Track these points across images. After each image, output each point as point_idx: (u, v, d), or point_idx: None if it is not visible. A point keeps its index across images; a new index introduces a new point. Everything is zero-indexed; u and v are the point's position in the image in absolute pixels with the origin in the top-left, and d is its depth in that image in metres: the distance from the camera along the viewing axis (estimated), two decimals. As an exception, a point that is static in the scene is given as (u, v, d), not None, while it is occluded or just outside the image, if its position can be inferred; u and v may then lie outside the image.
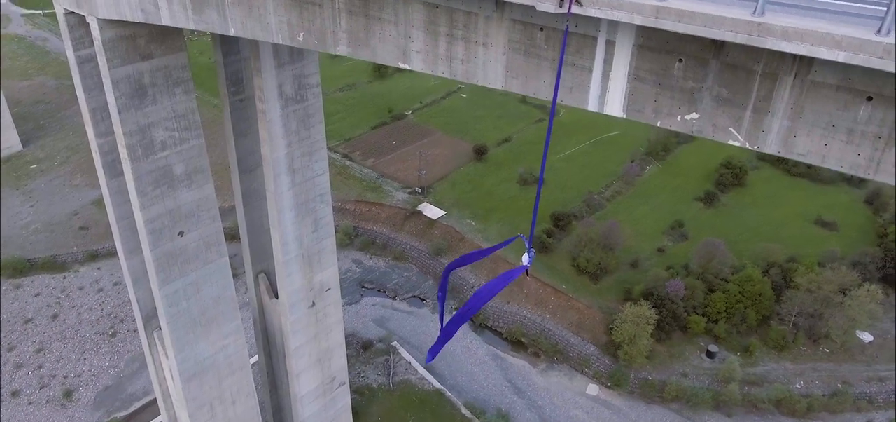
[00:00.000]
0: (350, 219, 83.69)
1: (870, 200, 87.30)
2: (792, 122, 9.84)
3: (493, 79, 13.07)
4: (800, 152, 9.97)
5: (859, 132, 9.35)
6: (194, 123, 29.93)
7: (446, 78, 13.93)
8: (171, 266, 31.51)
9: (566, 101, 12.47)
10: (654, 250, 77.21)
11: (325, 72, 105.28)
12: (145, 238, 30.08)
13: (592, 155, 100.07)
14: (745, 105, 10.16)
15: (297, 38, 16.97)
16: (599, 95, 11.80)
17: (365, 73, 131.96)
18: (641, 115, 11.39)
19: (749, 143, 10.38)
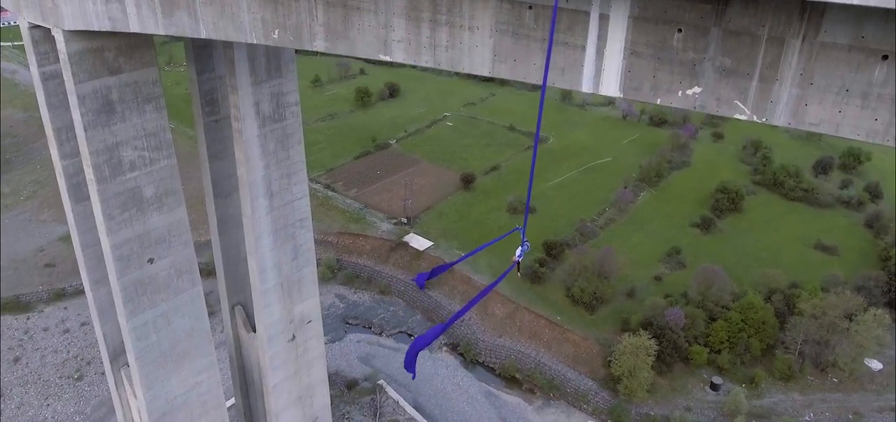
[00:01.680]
0: (333, 251, 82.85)
1: (869, 223, 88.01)
2: (802, 89, 9.56)
3: (479, 64, 12.77)
4: (812, 122, 9.67)
5: (875, 95, 9.06)
6: (165, 142, 29.41)
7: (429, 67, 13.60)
8: (139, 296, 30.63)
9: (558, 84, 12.16)
10: (650, 278, 76.95)
11: (305, 102, 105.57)
12: (112, 265, 29.27)
13: (583, 182, 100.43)
14: (751, 74, 9.87)
15: (271, 35, 16.66)
16: (594, 75, 11.51)
17: (347, 103, 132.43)
18: (639, 93, 11.10)
19: (756, 115, 10.08)
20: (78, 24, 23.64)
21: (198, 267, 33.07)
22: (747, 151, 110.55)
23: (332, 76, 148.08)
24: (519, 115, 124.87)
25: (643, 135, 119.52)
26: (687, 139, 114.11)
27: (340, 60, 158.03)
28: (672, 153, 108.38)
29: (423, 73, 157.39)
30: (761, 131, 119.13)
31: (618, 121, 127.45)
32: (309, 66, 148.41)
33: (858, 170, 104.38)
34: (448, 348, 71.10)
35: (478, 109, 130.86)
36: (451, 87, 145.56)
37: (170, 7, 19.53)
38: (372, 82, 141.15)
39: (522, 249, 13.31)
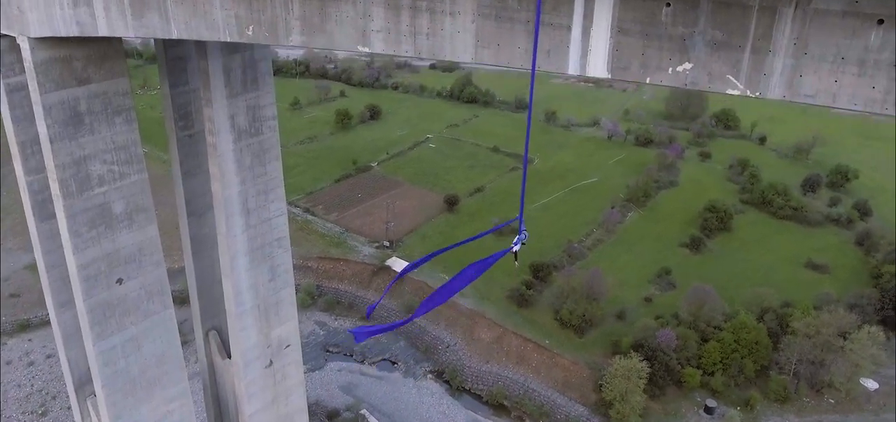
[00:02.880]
0: (312, 277, 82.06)
1: (860, 241, 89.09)
2: (796, 59, 9.53)
3: (462, 51, 12.67)
4: (807, 93, 9.63)
5: (872, 62, 9.04)
6: (136, 156, 28.99)
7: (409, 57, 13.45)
8: (107, 319, 29.92)
9: (544, 67, 12.06)
10: (640, 300, 77.03)
11: (284, 125, 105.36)
12: (78, 286, 28.59)
13: (570, 203, 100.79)
14: (743, 46, 9.84)
15: (246, 32, 16.48)
16: (580, 56, 11.44)
17: (327, 125, 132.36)
18: (628, 72, 11.03)
19: (750, 89, 10.03)
20: (44, 31, 23.32)
21: (169, 289, 32.44)
22: (734, 169, 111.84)
23: (312, 99, 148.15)
24: (503, 136, 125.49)
25: (629, 155, 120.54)
26: (673, 159, 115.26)
27: (320, 83, 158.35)
28: (659, 173, 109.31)
29: (404, 96, 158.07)
30: (748, 150, 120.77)
31: (603, 141, 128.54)
32: (288, 88, 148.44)
33: (846, 187, 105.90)
34: (433, 375, 70.36)
35: (461, 130, 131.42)
36: (434, 109, 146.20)
37: (140, 8, 19.30)
38: (352, 105, 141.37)
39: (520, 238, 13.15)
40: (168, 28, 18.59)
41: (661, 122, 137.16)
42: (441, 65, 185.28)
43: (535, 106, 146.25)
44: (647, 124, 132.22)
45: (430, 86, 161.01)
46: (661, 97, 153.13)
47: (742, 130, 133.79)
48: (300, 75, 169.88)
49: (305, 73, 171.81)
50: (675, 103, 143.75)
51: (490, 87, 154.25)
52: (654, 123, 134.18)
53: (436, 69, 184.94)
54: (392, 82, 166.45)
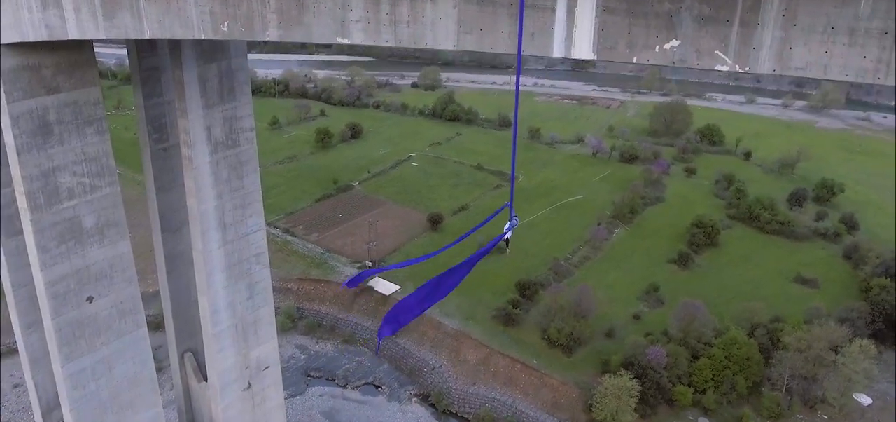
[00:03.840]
0: (293, 299, 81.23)
1: (848, 254, 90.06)
2: (785, 32, 9.55)
3: (443, 39, 12.59)
4: (798, 66, 9.64)
5: (863, 31, 9.07)
6: (108, 168, 28.59)
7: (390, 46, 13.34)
8: (77, 339, 29.28)
9: (528, 51, 12.01)
10: (629, 317, 77.09)
11: (263, 145, 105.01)
12: (46, 305, 27.97)
13: (556, 220, 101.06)
14: (731, 21, 9.85)
15: (221, 28, 16.31)
16: (565, 37, 11.40)
17: (307, 145, 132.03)
18: (614, 52, 11.01)
19: (739, 64, 10.03)
20: (12, 37, 22.99)
21: (142, 307, 31.87)
22: (720, 185, 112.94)
23: (291, 118, 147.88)
24: (487, 154, 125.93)
25: (614, 171, 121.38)
26: (659, 175, 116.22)
27: (299, 102, 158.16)
28: (645, 189, 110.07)
29: (386, 114, 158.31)
30: (733, 165, 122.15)
31: (588, 158, 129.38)
32: (267, 108, 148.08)
33: (832, 202, 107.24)
34: (418, 399, 69.66)
35: (444, 148, 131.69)
36: (416, 127, 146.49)
37: (111, 8, 19.07)
38: (333, 124, 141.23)
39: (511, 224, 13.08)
40: (140, 27, 18.37)
41: (645, 138, 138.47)
42: (423, 83, 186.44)
43: (518, 123, 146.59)
44: (631, 141, 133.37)
45: (412, 104, 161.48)
46: (645, 114, 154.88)
47: (727, 146, 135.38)
48: (279, 94, 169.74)
49: (285, 92, 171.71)
50: (659, 119, 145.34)
51: (473, 105, 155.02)
52: (638, 140, 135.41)
53: (418, 88, 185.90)
54: (373, 101, 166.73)
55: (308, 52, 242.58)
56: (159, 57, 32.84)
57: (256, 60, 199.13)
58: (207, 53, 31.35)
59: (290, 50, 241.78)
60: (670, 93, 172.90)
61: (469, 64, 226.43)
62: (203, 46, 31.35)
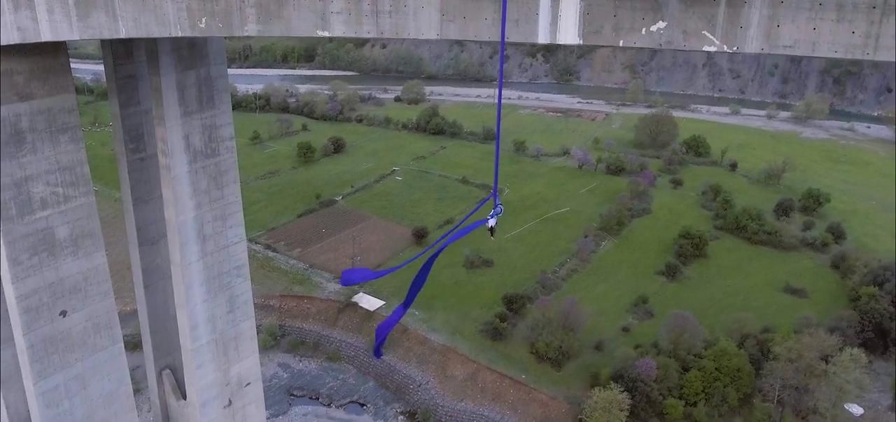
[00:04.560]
0: (275, 316, 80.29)
1: (835, 264, 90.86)
2: (773, 9, 9.43)
3: (426, 28, 12.36)
4: (786, 44, 9.51)
5: (850, 5, 8.97)
6: (82, 177, 27.97)
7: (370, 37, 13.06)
8: (50, 355, 28.49)
9: (513, 37, 11.82)
10: (618, 330, 77.02)
11: (244, 160, 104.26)
12: (18, 319, 27.20)
13: (542, 234, 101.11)
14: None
15: (198, 25, 15.96)
16: (550, 23, 11.20)
17: (289, 160, 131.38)
18: (600, 36, 10.84)
19: (727, 44, 9.89)
20: (-19, 40, 22.43)
21: (118, 322, 31.15)
22: (707, 196, 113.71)
23: (273, 133, 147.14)
24: (472, 167, 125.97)
25: (601, 184, 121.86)
26: (646, 186, 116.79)
27: (281, 117, 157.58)
28: (631, 201, 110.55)
29: (369, 128, 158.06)
30: (720, 176, 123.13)
31: (574, 171, 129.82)
32: (247, 123, 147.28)
33: (819, 211, 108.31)
34: (404, 417, 68.92)
35: (428, 162, 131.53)
36: (400, 141, 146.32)
37: (85, 7, 18.66)
38: (315, 138, 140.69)
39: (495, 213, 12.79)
40: (116, 27, 17.97)
41: (631, 150, 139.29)
42: (407, 97, 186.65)
43: (503, 137, 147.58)
44: (617, 153, 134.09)
45: (395, 118, 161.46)
46: (630, 126, 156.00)
47: (712, 157, 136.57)
48: (260, 109, 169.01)
49: (265, 107, 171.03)
50: (644, 131, 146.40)
51: (457, 119, 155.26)
52: (624, 152, 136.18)
53: (401, 102, 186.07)
54: (356, 115, 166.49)
55: (289, 66, 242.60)
56: (136, 64, 32.34)
57: (237, 75, 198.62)
58: (186, 60, 30.92)
59: (271, 65, 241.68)
60: (655, 105, 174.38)
61: (453, 77, 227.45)
62: (181, 53, 30.93)
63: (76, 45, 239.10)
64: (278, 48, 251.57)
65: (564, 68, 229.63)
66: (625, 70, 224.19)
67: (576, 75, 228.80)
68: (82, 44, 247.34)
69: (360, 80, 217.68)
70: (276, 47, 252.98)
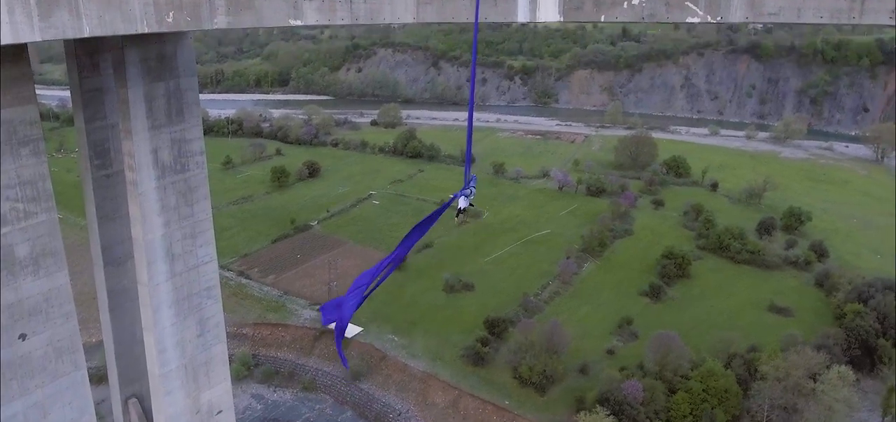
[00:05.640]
0: (248, 345, 78.87)
1: (819, 282, 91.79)
2: (757, -26, 9.32)
3: (402, 11, 12.08)
4: (771, 12, 9.37)
5: (835, -31, 8.88)
6: (44, 192, 27.09)
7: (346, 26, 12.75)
8: (8, 381, 27.35)
9: (491, 18, 11.58)
10: (603, 352, 76.80)
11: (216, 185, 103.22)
12: (-28, 344, 26.15)
13: (523, 256, 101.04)
14: (705, -33, 9.63)
15: (166, 19, 15.54)
16: (530, 1, 10.97)
17: (262, 185, 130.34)
18: (581, 13, 10.63)
19: (711, 15, 9.74)
20: (-66, 46, 21.73)
21: (82, 346, 30.13)
22: (689, 216, 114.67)
23: (246, 157, 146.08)
24: (450, 190, 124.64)
25: (581, 206, 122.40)
26: (627, 208, 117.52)
27: (254, 141, 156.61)
28: (613, 222, 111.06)
29: (345, 152, 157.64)
30: (701, 197, 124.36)
31: (554, 192, 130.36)
32: (220, 147, 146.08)
33: (801, 230, 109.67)
34: (384, 446, 67.79)
35: (405, 186, 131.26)
36: (377, 165, 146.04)
37: (48, 6, 18.11)
38: (289, 162, 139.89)
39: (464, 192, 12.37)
40: (79, 25, 17.46)
41: (611, 171, 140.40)
42: (383, 121, 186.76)
43: (481, 159, 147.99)
44: (597, 174, 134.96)
45: (372, 142, 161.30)
46: (609, 147, 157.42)
47: (693, 177, 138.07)
48: (233, 134, 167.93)
49: (238, 131, 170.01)
50: (624, 152, 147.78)
51: (434, 142, 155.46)
52: (604, 173, 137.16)
53: (378, 125, 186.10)
54: (331, 139, 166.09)
55: (263, 90, 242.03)
56: (103, 77, 31.74)
57: (209, 100, 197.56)
58: (154, 72, 30.40)
59: (243, 89, 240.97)
60: (634, 126, 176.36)
61: (429, 101, 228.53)
62: (150, 64, 30.42)
63: (42, 72, 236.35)
64: (251, 73, 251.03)
65: (542, 91, 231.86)
66: (603, 92, 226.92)
67: (554, 98, 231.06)
68: (48, 70, 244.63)
69: (336, 105, 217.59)
70: (249, 72, 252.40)
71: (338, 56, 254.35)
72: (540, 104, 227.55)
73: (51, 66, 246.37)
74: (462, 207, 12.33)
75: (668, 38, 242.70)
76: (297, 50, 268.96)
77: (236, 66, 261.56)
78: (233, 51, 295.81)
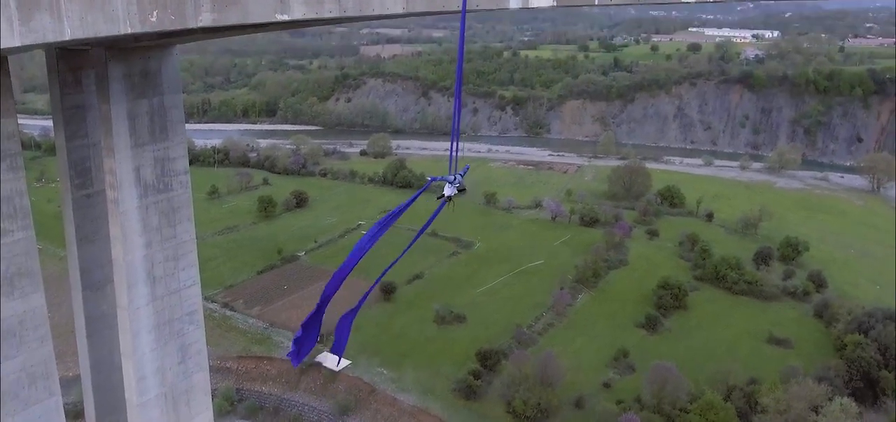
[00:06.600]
0: (232, 380, 77.57)
1: (819, 312, 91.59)
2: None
3: (392, 3, 11.87)
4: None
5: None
6: (21, 209, 26.70)
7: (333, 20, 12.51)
8: (-23, 409, 26.62)
9: (484, 5, 11.37)
10: (599, 385, 76.01)
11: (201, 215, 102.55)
12: (-59, 369, 25.44)
13: (516, 287, 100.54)
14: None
15: (149, 19, 15.28)
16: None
17: (249, 215, 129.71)
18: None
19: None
20: None
21: (57, 372, 29.43)
22: (684, 246, 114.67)
23: (232, 187, 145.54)
24: (441, 220, 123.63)
25: (575, 236, 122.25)
26: (621, 238, 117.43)
27: (241, 171, 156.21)
28: (607, 252, 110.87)
29: (333, 182, 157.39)
30: (696, 227, 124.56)
31: (547, 223, 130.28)
32: (205, 177, 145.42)
33: (798, 260, 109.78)
34: (373, 484, 66.46)
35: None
36: (366, 195, 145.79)
37: (28, 9, 17.85)
38: (277, 192, 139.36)
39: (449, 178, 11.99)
40: (61, 28, 17.18)
41: (604, 202, 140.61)
42: (373, 150, 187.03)
43: (473, 189, 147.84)
44: (591, 204, 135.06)
45: (361, 171, 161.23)
46: (603, 177, 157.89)
47: (688, 208, 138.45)
48: (219, 163, 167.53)
49: (224, 161, 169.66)
50: (618, 182, 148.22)
51: (424, 171, 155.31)
52: (598, 203, 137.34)
53: (367, 155, 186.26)
54: (320, 169, 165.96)
55: (250, 120, 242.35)
56: (85, 94, 31.45)
57: (195, 130, 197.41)
58: (138, 88, 30.18)
59: (230, 119, 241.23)
60: (627, 157, 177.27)
61: (419, 131, 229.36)
62: (133, 80, 30.20)
63: (24, 101, 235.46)
64: (239, 102, 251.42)
65: (534, 121, 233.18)
66: (595, 122, 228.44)
67: (546, 128, 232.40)
68: (31, 100, 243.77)
69: (324, 135, 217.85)
70: (236, 102, 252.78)
71: (327, 86, 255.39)
72: (531, 134, 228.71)
73: (34, 96, 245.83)
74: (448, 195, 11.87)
75: (659, 68, 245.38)
76: (286, 80, 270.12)
77: (223, 96, 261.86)
78: (220, 80, 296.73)
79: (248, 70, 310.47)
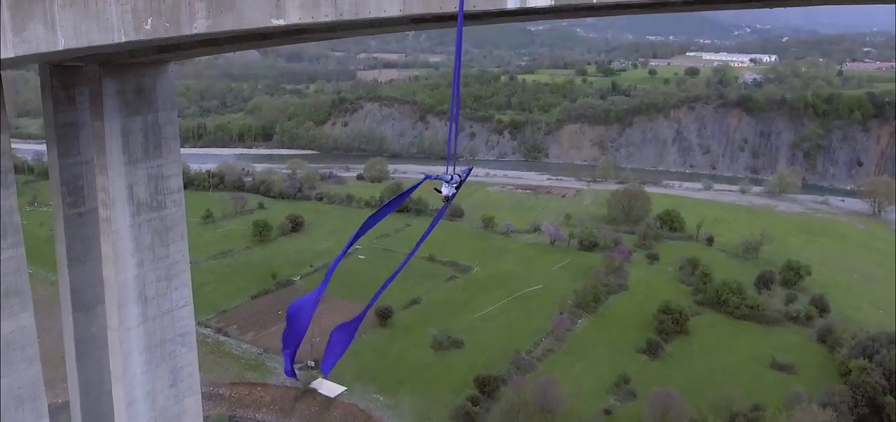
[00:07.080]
0: (225, 406, 76.80)
1: (822, 337, 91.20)
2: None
3: (389, 5, 11.81)
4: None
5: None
6: (12, 226, 26.52)
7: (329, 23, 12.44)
8: (-38, 432, 26.18)
9: (481, 6, 11.29)
10: (599, 411, 75.32)
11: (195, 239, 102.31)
12: (-74, 390, 25.06)
13: (514, 312, 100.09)
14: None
15: (144, 27, 15.20)
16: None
17: (243, 239, 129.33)
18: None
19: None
20: None
21: (45, 394, 29.04)
22: (685, 271, 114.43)
23: (227, 211, 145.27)
24: (439, 244, 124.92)
25: (573, 260, 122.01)
26: (621, 262, 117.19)
27: (236, 195, 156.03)
28: (607, 277, 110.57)
29: (329, 206, 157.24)
30: (696, 251, 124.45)
31: (546, 247, 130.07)
32: (200, 201, 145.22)
33: (800, 284, 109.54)
34: None
35: (392, 240, 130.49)
36: (362, 219, 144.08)
37: (21, 20, 17.79)
38: (272, 216, 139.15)
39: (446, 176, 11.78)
40: (54, 39, 17.11)
41: (604, 226, 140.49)
42: (369, 175, 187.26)
43: (471, 212, 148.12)
44: (590, 228, 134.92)
45: (357, 195, 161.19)
46: (602, 201, 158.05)
47: (688, 232, 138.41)
48: (214, 187, 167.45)
49: (219, 185, 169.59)
50: (617, 206, 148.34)
51: (422, 196, 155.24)
52: (597, 227, 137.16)
53: (363, 179, 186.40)
54: (316, 193, 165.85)
55: (245, 145, 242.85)
56: (78, 111, 31.36)
57: (190, 155, 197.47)
58: (132, 105, 30.15)
59: (226, 144, 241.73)
60: (626, 181, 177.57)
61: (417, 155, 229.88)
62: (127, 97, 30.17)
63: (18, 125, 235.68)
64: (234, 127, 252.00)
65: (532, 145, 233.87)
66: (594, 146, 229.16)
67: (544, 152, 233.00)
68: (25, 124, 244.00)
69: (321, 159, 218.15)
70: (232, 126, 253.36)
71: (323, 110, 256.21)
72: (529, 159, 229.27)
73: (28, 120, 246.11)
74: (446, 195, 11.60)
75: (658, 93, 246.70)
76: (282, 104, 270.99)
77: (219, 121, 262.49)
78: (216, 104, 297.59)
79: (245, 94, 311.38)
